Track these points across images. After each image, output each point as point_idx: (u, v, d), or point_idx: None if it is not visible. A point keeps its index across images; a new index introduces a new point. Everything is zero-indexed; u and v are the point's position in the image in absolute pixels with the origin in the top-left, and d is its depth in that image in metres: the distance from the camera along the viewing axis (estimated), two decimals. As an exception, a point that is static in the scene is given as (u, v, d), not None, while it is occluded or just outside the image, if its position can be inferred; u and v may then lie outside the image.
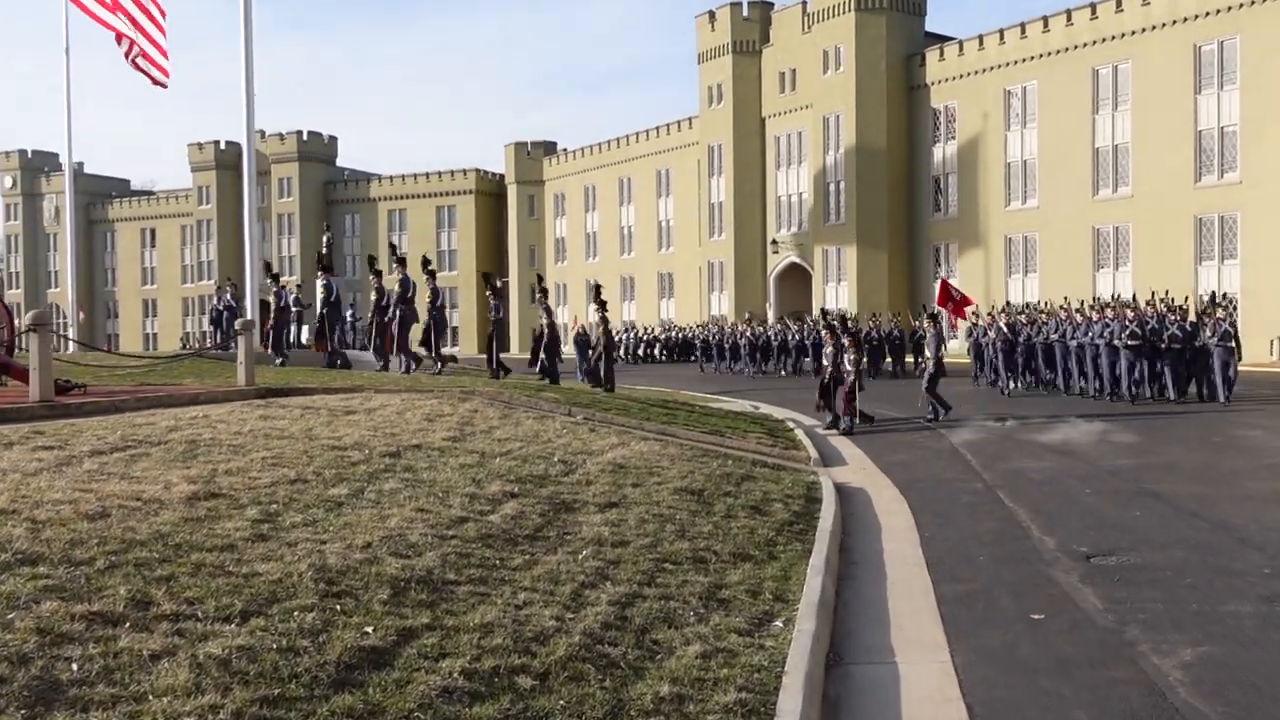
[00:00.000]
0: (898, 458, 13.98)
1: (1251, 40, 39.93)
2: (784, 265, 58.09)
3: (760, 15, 58.88)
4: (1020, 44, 47.88)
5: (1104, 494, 10.31)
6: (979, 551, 8.06)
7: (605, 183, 71.33)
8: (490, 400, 13.55)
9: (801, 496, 9.98)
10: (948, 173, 51.40)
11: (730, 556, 7.20)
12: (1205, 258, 41.76)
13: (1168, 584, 6.70)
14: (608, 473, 9.47)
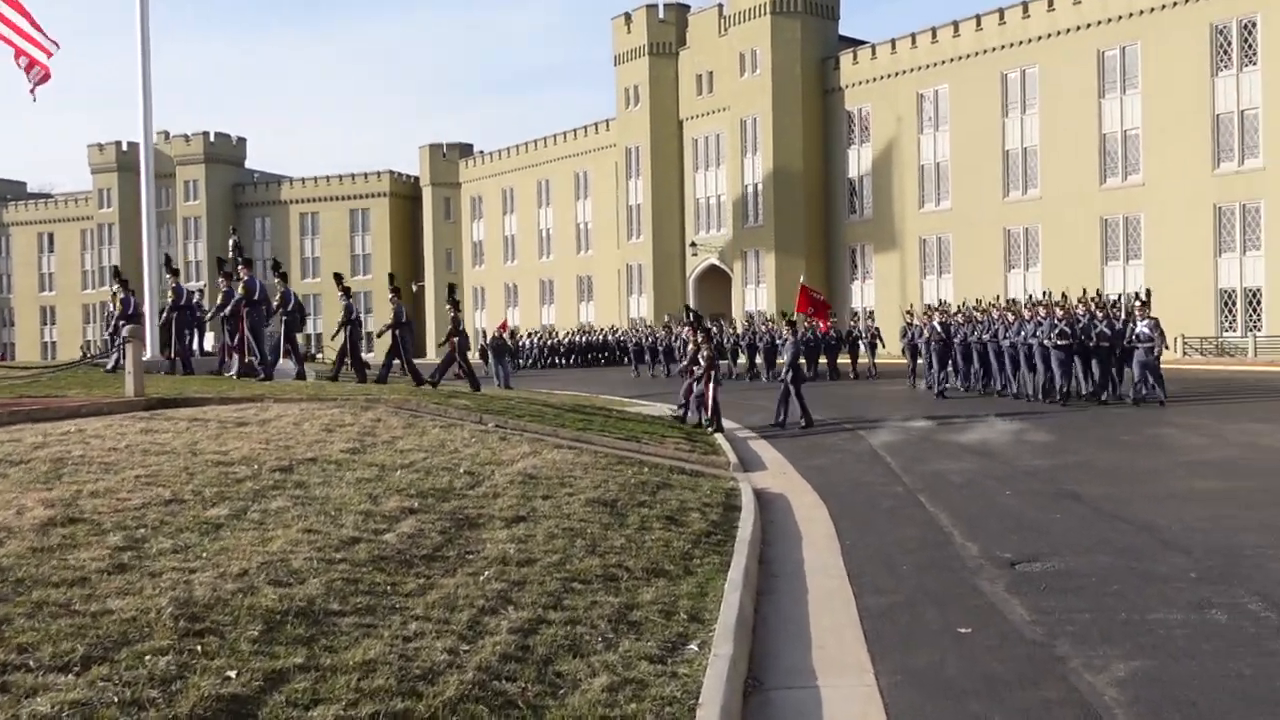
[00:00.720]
0: (817, 462, 13.73)
1: (1152, 46, 40.89)
2: (703, 268, 58.06)
3: (676, 17, 58.82)
4: (932, 48, 48.46)
5: (1024, 495, 10.14)
6: (901, 560, 7.77)
7: (523, 185, 70.68)
8: (395, 409, 12.98)
9: (720, 504, 9.62)
10: (863, 175, 51.84)
11: (644, 572, 6.79)
12: (1111, 258, 42.66)
13: (1094, 591, 6.46)
14: (517, 484, 9.00)
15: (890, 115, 49.99)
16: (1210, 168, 39.50)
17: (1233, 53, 39.09)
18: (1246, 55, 38.77)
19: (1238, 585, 6.44)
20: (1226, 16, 39.04)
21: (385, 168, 79.39)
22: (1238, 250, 39.03)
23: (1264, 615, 5.75)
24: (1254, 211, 38.66)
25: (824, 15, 53.19)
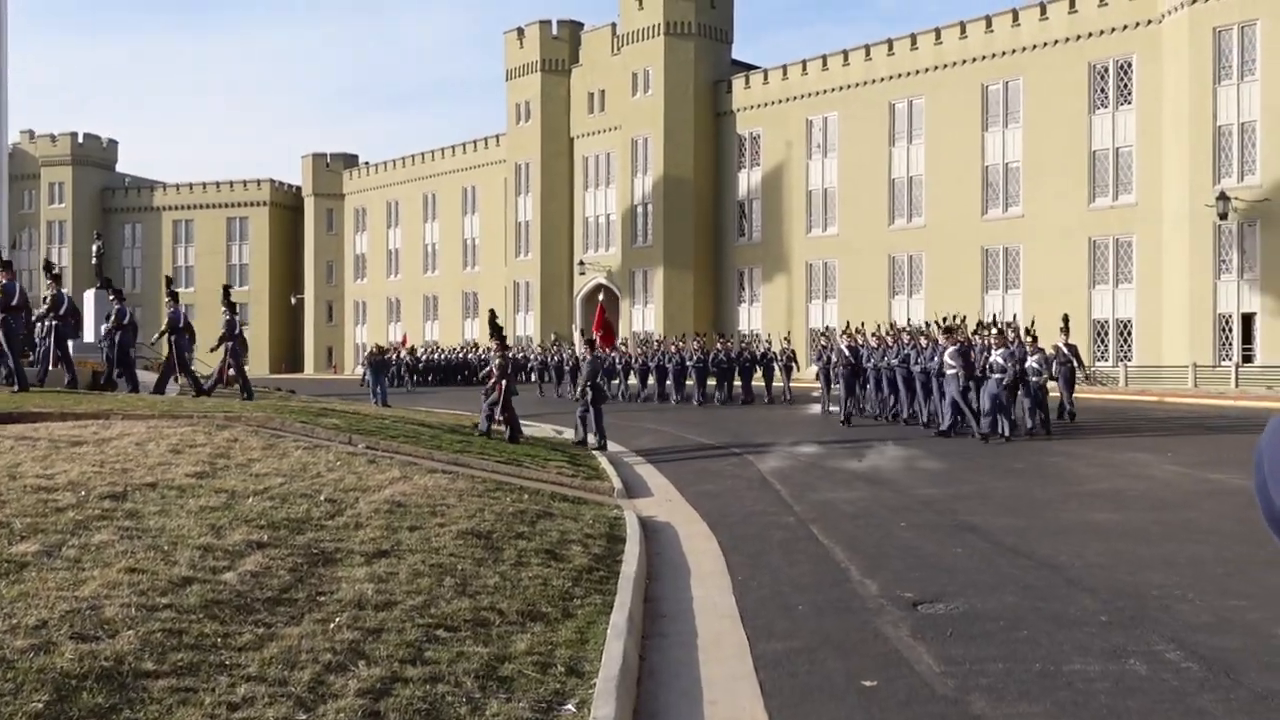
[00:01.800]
0: (705, 487, 13.22)
1: (1034, 82, 42.01)
2: (590, 286, 57.56)
3: (570, 35, 58.42)
4: (822, 75, 49.01)
5: (920, 528, 9.77)
6: (797, 599, 7.25)
7: (409, 198, 69.25)
8: (256, 427, 12.02)
9: (603, 536, 8.99)
10: (752, 198, 52.09)
11: (519, 616, 6.11)
12: (991, 287, 43.57)
13: (1004, 637, 6.02)
14: (382, 514, 8.22)
15: (780, 140, 50.36)
16: (1086, 202, 40.68)
17: (1109, 92, 40.38)
18: (1122, 94, 40.09)
19: (1150, 630, 6.07)
20: (1104, 56, 40.34)
21: (266, 176, 76.98)
22: (1110, 282, 40.22)
23: (1184, 666, 5.37)
24: (1126, 245, 39.91)
25: (717, 39, 53.41)
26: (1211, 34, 36.00)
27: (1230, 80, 35.97)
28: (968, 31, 44.17)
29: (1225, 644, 5.75)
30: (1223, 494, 11.50)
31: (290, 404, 17.73)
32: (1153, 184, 38.57)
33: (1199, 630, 6.03)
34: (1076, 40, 40.94)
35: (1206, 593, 6.91)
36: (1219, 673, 5.26)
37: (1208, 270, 36.06)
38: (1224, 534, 9.12)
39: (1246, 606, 6.54)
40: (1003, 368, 17.58)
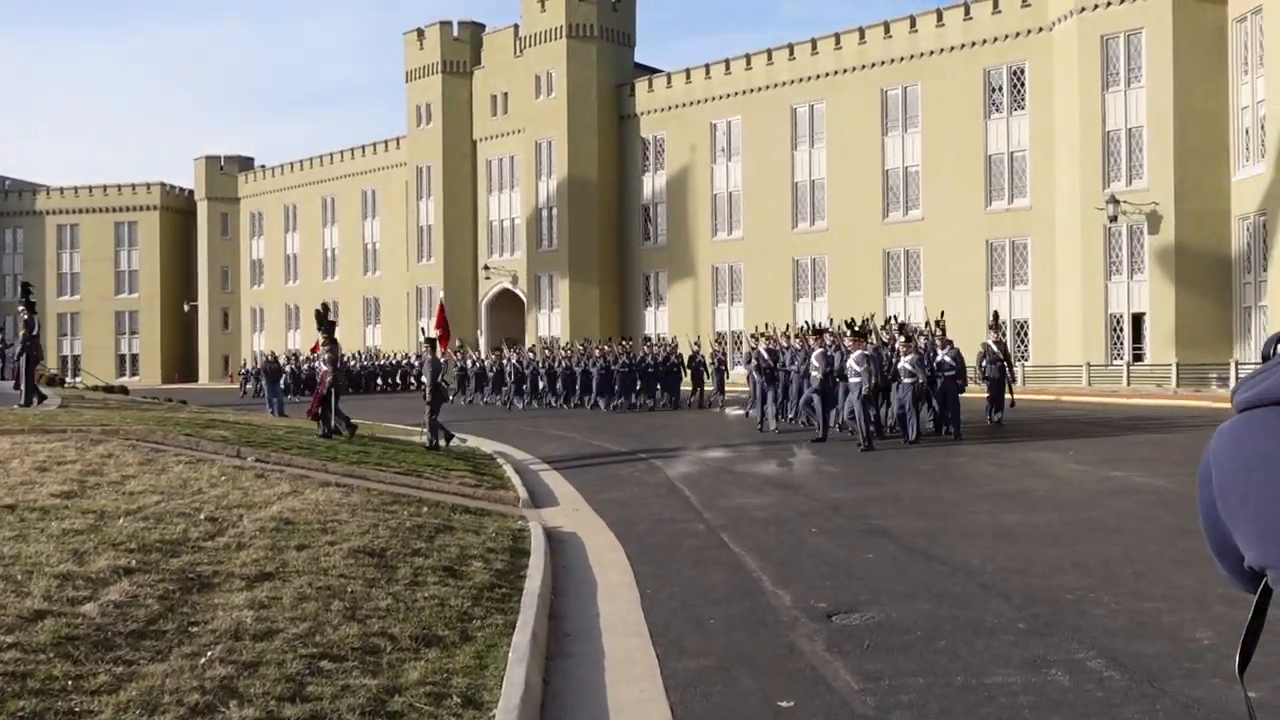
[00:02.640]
0: (613, 495, 12.90)
1: (931, 88, 42.69)
2: (496, 291, 56.89)
3: (471, 36, 57.65)
4: (724, 79, 49.14)
5: (832, 533, 9.58)
6: (709, 612, 6.96)
7: (307, 202, 67.61)
8: (134, 441, 11.32)
9: (506, 550, 8.59)
10: (657, 202, 51.99)
11: (412, 641, 5.69)
12: (893, 289, 44.12)
13: (922, 649, 5.81)
14: (268, 532, 7.71)
15: (684, 143, 50.37)
16: (983, 205, 41.45)
17: (1003, 97, 41.23)
18: (1016, 100, 40.96)
19: (1069, 637, 5.92)
20: (998, 63, 41.15)
21: (156, 179, 74.46)
22: (1007, 284, 41.04)
23: (1107, 675, 5.20)
24: (1022, 247, 40.76)
25: (620, 42, 53.22)
26: (1099, 42, 36.97)
27: (1118, 87, 36.97)
28: (867, 37, 44.70)
29: (1145, 649, 5.62)
30: (1124, 492, 11.58)
31: (176, 415, 16.89)
32: (1046, 187, 39.47)
33: (1117, 635, 5.90)
34: (972, 47, 41.70)
35: (1120, 595, 6.82)
36: (1142, 681, 5.10)
37: (1099, 271, 37.00)
38: (1130, 533, 9.11)
39: (1161, 609, 6.44)
40: (912, 373, 17.52)
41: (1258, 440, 1.42)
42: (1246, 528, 1.44)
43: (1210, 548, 1.59)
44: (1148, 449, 16.05)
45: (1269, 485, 1.39)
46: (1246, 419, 1.46)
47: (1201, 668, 5.29)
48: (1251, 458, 1.42)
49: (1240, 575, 1.55)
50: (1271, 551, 1.40)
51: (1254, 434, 1.43)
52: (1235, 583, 1.60)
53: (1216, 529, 1.53)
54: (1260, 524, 1.40)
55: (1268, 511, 1.39)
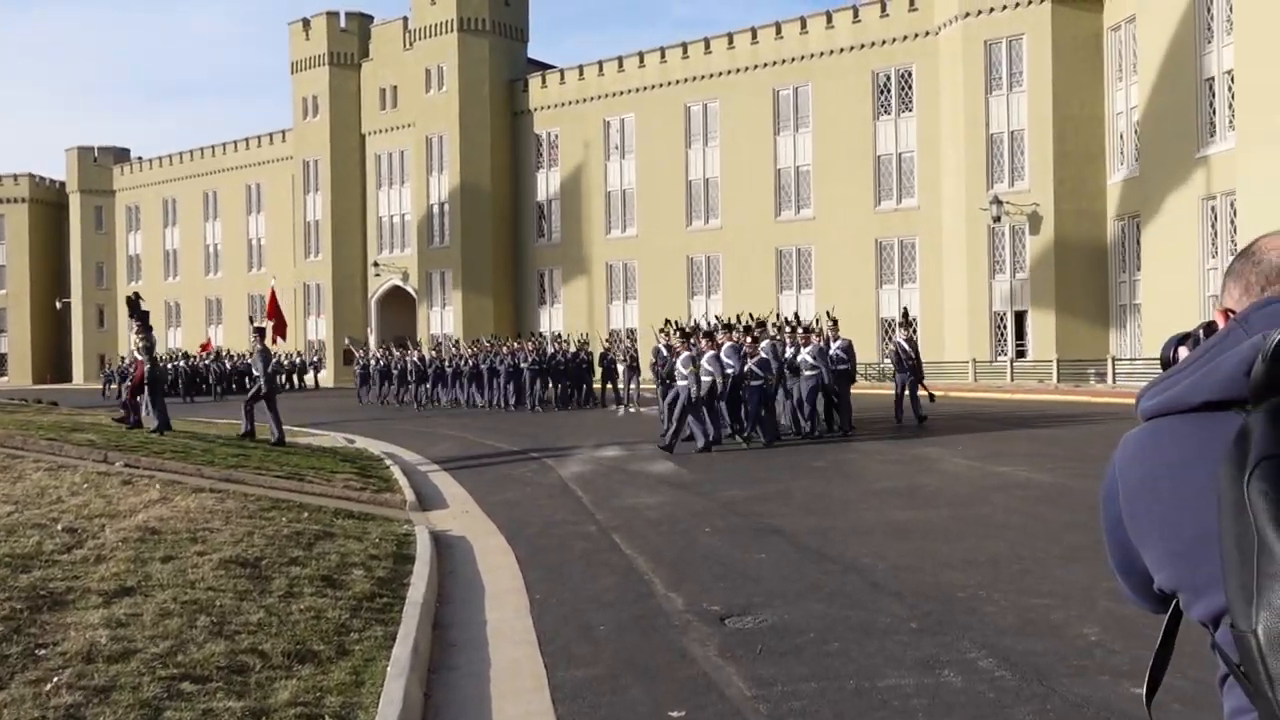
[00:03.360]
0: (505, 496, 12.63)
1: (822, 89, 43.27)
2: (386, 288, 55.84)
3: (359, 27, 56.48)
4: (618, 77, 49.04)
5: (724, 533, 9.47)
6: (599, 618, 6.76)
7: (188, 196, 65.40)
8: (-9, 447, 10.64)
9: (390, 556, 8.27)
10: (551, 199, 51.64)
11: (285, 658, 5.36)
12: (785, 287, 44.61)
13: (815, 652, 5.71)
14: (131, 543, 7.26)
15: (578, 140, 50.12)
16: (873, 205, 42.18)
17: (891, 99, 42.00)
18: (903, 102, 41.76)
19: (960, 636, 5.89)
20: (886, 66, 41.91)
21: (25, 170, 71.13)
22: (896, 282, 41.84)
23: (998, 675, 5.16)
24: (910, 247, 41.60)
25: (512, 37, 52.68)
26: (983, 47, 37.91)
27: (1001, 91, 37.96)
28: (759, 37, 45.08)
29: (1034, 647, 5.61)
30: (1010, 487, 11.76)
31: (41, 418, 16.01)
32: (933, 188, 40.34)
33: (1006, 634, 5.88)
34: (861, 49, 42.39)
35: (1009, 592, 6.84)
36: (1032, 680, 5.08)
37: (983, 270, 37.95)
38: (1017, 529, 9.22)
39: (1049, 605, 6.47)
40: (814, 366, 17.53)
41: (1163, 450, 1.36)
42: (1156, 545, 1.37)
43: (1115, 566, 1.53)
44: (1031, 444, 16.41)
45: (1176, 495, 1.32)
46: (1153, 428, 1.40)
47: (1089, 665, 5.29)
48: (1158, 467, 1.36)
49: (1148, 596, 1.48)
50: (1182, 572, 1.32)
51: (1160, 443, 1.37)
52: (1141, 603, 1.53)
53: (1123, 546, 1.45)
54: (1170, 541, 1.33)
55: (1175, 521, 1.32)
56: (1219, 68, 30.29)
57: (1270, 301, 1.39)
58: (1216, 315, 1.49)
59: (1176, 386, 1.37)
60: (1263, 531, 1.16)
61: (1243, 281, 1.48)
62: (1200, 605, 1.31)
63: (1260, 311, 1.38)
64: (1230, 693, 1.30)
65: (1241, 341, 1.32)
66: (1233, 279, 1.50)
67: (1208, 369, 1.33)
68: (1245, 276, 1.47)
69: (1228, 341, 1.35)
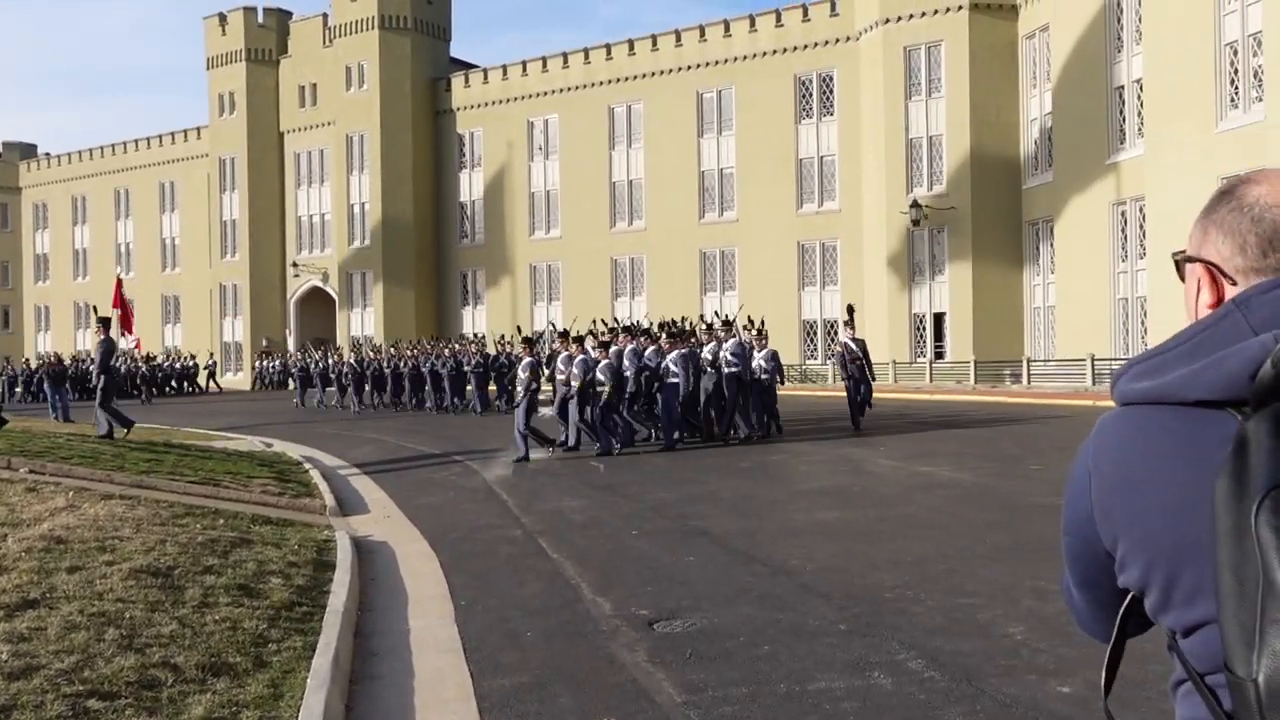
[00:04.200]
0: (427, 500, 12.42)
1: (745, 92, 43.54)
2: (306, 289, 54.85)
3: (277, 23, 55.39)
4: (542, 77, 48.80)
5: (652, 535, 9.41)
6: (526, 624, 6.65)
7: (98, 194, 63.48)
8: (-116, 453, 10.14)
9: (310, 563, 8.05)
10: (475, 199, 51.18)
11: (199, 671, 5.16)
12: (709, 288, 44.79)
13: (744, 656, 5.66)
14: (35, 553, 6.95)
15: (501, 141, 49.76)
16: (795, 207, 42.55)
17: (813, 103, 42.42)
18: (825, 106, 42.20)
19: (889, 637, 5.89)
20: (808, 69, 42.31)
21: (-75, 166, 68.42)
22: (818, 284, 42.26)
23: (927, 676, 5.17)
24: (831, 249, 42.06)
25: (434, 35, 52.10)
26: (902, 52, 38.48)
27: (920, 96, 38.57)
28: (683, 40, 45.21)
29: (962, 648, 5.63)
30: (934, 487, 11.89)
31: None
32: (854, 191, 40.82)
33: (935, 634, 5.90)
34: (783, 53, 42.75)
35: (935, 592, 6.87)
36: (960, 680, 5.09)
37: (903, 272, 38.53)
38: (942, 529, 9.30)
39: (975, 605, 6.52)
40: (733, 362, 17.46)
41: (1148, 444, 1.22)
42: (1129, 543, 1.24)
43: (1073, 580, 1.39)
44: (952, 443, 16.64)
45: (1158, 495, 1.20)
46: (1137, 418, 1.25)
47: (1017, 664, 5.33)
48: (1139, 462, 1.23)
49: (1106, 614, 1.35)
50: (1156, 577, 1.21)
51: (1143, 437, 1.23)
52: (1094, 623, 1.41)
53: (1090, 547, 1.31)
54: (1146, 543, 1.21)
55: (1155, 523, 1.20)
56: (1129, 76, 31.15)
57: (1276, 285, 1.22)
58: (1200, 272, 1.31)
59: (1167, 375, 1.22)
60: (1270, 572, 1.04)
61: (1237, 238, 1.27)
62: (1173, 615, 1.21)
63: (1264, 297, 1.21)
64: (1186, 700, 1.22)
65: (1241, 328, 1.19)
66: (1220, 230, 1.29)
67: (1208, 364, 1.18)
68: (1240, 232, 1.27)
69: (1224, 326, 1.21)
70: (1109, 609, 1.34)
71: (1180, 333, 1.25)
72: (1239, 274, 1.27)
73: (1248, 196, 1.28)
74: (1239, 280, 1.27)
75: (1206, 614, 1.14)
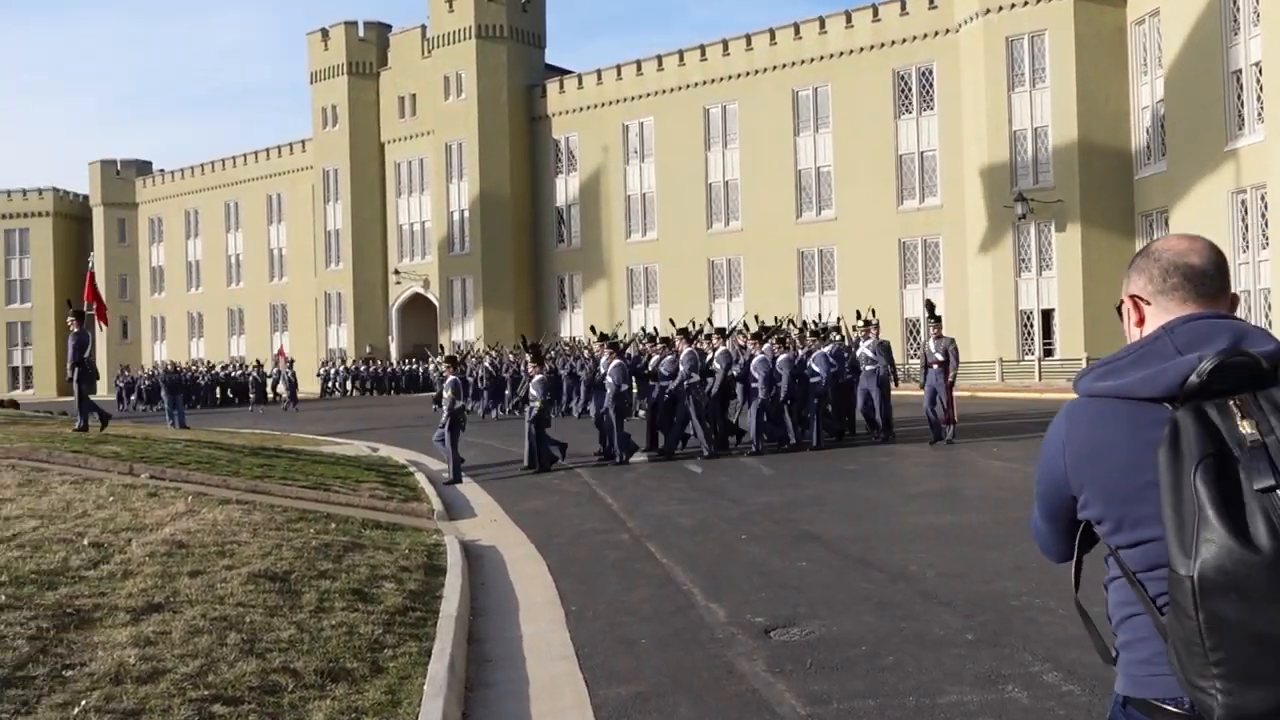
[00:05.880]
0: (532, 504, 12.43)
1: (842, 88, 42.96)
2: (407, 296, 55.81)
3: (377, 37, 56.52)
4: (636, 80, 48.87)
5: (762, 540, 9.23)
6: (639, 631, 6.55)
7: (209, 207, 65.59)
8: (15, 460, 10.51)
9: (421, 567, 8.08)
10: (571, 204, 51.49)
11: (317, 676, 5.17)
12: (808, 288, 44.30)
13: (869, 666, 5.47)
14: (159, 558, 7.09)
15: (597, 145, 49.96)
16: (895, 204, 41.81)
17: (913, 98, 41.64)
18: (925, 101, 41.40)
19: (1021, 648, 5.64)
20: (906, 64, 41.56)
21: (49, 185, 71.54)
22: (920, 282, 41.45)
23: (1066, 690, 4.92)
24: (934, 246, 41.22)
25: (530, 43, 52.59)
26: (1004, 43, 37.52)
27: (1023, 87, 37.55)
28: (777, 38, 44.81)
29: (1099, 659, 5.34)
30: (1052, 488, 11.45)
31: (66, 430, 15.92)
32: (956, 186, 39.94)
33: (1069, 645, 5.62)
34: (881, 48, 42.06)
35: (1066, 600, 6.54)
36: (1102, 694, 4.81)
37: (1009, 269, 37.54)
38: (1064, 531, 8.93)
39: (1109, 613, 6.20)
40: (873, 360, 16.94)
41: (1108, 423, 1.82)
42: (1094, 491, 1.83)
43: (1041, 512, 2.01)
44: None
45: (1116, 457, 1.79)
46: (1100, 405, 1.85)
47: (1161, 677, 5.03)
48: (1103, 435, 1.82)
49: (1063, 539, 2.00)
50: (1114, 511, 1.81)
51: (1105, 418, 1.82)
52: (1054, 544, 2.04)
53: (1058, 490, 1.91)
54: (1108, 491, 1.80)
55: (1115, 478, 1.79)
56: (1246, 60, 29.84)
57: (1191, 318, 1.85)
58: (1129, 304, 1.98)
59: (1122, 378, 1.81)
60: (1204, 510, 1.61)
61: (1145, 274, 1.94)
62: (1122, 536, 1.81)
63: (1183, 327, 1.83)
64: (1116, 590, 1.88)
65: (1168, 348, 1.80)
66: (1136, 272, 1.97)
67: (1152, 373, 1.77)
68: (1148, 270, 1.94)
69: (1157, 345, 1.82)
70: (1064, 535, 1.98)
71: (1126, 348, 1.86)
72: (1151, 297, 1.92)
73: (1153, 250, 1.95)
74: (1152, 301, 1.92)
75: (1147, 535, 1.75)
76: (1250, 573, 1.58)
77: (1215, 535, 1.60)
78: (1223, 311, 1.88)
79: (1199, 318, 1.85)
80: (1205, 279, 1.89)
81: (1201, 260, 1.91)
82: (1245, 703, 1.62)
